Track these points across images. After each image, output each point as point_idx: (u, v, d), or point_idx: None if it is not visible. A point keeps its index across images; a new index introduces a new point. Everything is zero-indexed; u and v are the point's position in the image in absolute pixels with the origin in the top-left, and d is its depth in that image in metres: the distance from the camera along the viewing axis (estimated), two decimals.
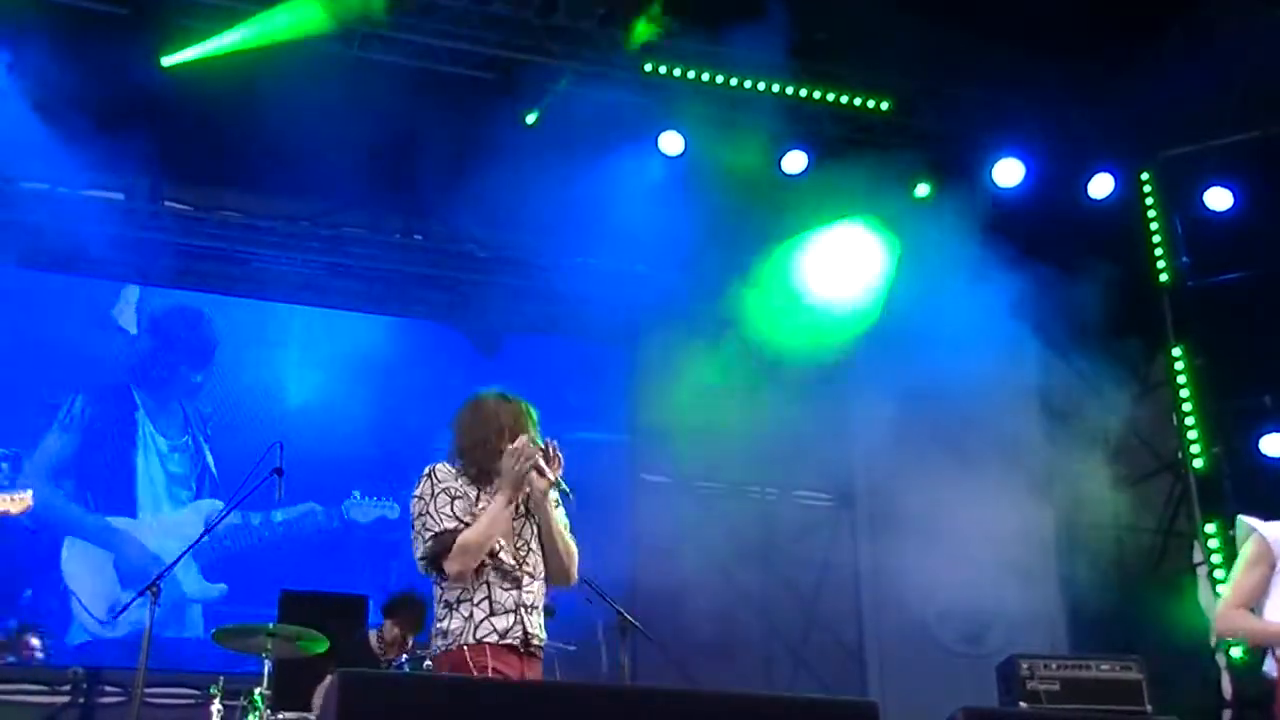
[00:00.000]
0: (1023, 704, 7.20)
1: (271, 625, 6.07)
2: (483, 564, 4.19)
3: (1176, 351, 9.38)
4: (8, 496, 5.66)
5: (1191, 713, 8.37)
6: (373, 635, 7.07)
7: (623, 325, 10.27)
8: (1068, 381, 9.94)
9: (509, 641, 4.14)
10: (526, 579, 4.26)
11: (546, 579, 4.38)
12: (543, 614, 4.31)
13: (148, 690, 6.95)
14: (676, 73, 9.21)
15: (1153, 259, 9.62)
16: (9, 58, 8.22)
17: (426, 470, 4.36)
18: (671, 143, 9.42)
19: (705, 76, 9.26)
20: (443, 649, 4.18)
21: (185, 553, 7.19)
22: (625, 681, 6.79)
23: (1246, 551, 4.46)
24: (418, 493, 4.32)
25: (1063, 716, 6.96)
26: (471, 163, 9.01)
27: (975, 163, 9.75)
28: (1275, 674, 4.31)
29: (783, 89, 9.39)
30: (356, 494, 9.46)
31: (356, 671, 3.50)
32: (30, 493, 5.85)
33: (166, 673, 8.47)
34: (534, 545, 4.35)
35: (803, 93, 9.46)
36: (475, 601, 4.16)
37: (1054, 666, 7.45)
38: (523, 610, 4.20)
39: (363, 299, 10.12)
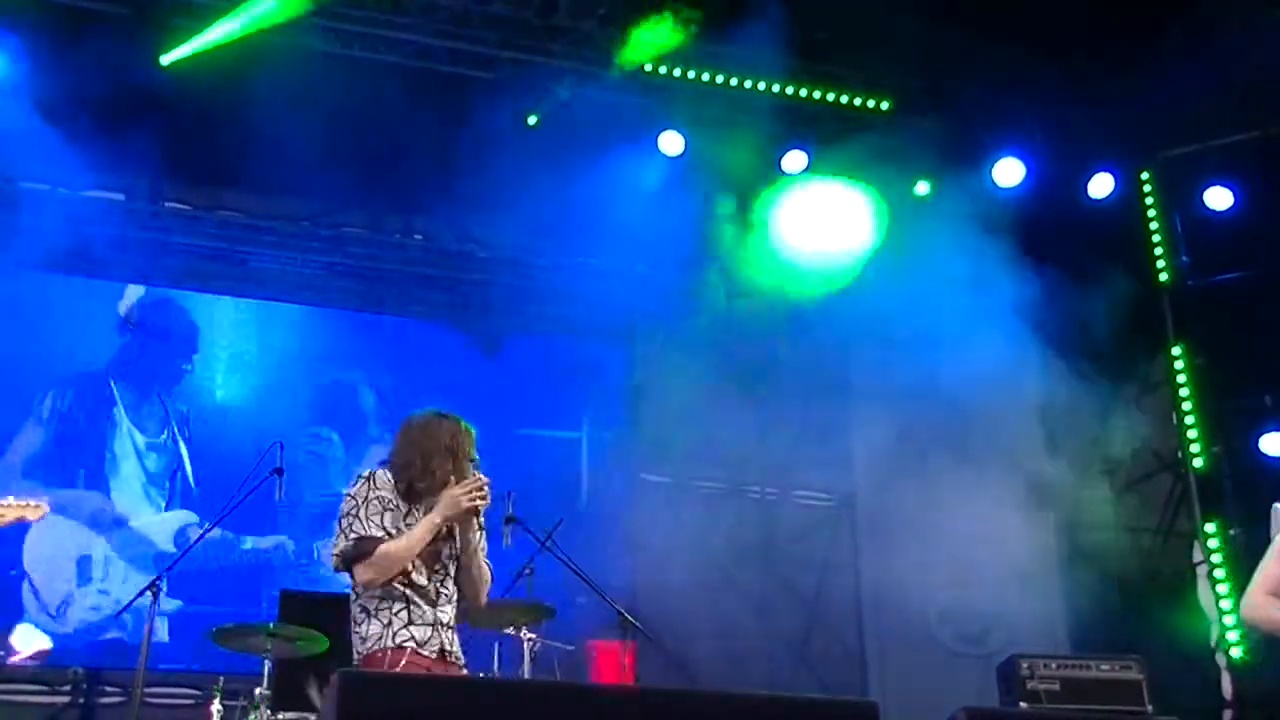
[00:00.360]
0: (1023, 704, 7.19)
1: (271, 625, 6.06)
2: (400, 582, 4.27)
3: (1176, 351, 9.37)
4: (23, 503, 5.43)
5: (1192, 713, 8.37)
6: None
7: (623, 325, 10.27)
8: (1067, 381, 9.91)
9: (425, 653, 4.24)
10: (443, 600, 4.37)
11: (459, 600, 4.47)
12: (456, 631, 4.43)
13: (147, 690, 6.95)
14: (676, 73, 9.21)
15: (1153, 259, 9.61)
16: (10, 58, 8.21)
17: (366, 473, 4.44)
18: (671, 143, 9.42)
19: (705, 76, 9.26)
20: (363, 653, 4.27)
21: (188, 550, 7.19)
22: (625, 682, 6.78)
23: (1278, 541, 4.49)
24: (351, 492, 4.39)
25: (1063, 716, 6.96)
26: (471, 163, 9.01)
27: (975, 162, 9.74)
28: None
29: (783, 89, 9.39)
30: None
31: (356, 671, 3.50)
32: (46, 499, 5.70)
33: (166, 673, 8.47)
34: (451, 569, 4.44)
35: (803, 92, 9.46)
36: (394, 611, 4.27)
37: (1054, 666, 7.45)
38: (439, 627, 4.31)
39: (362, 299, 10.12)
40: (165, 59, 8.26)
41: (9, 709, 8.37)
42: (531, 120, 9.14)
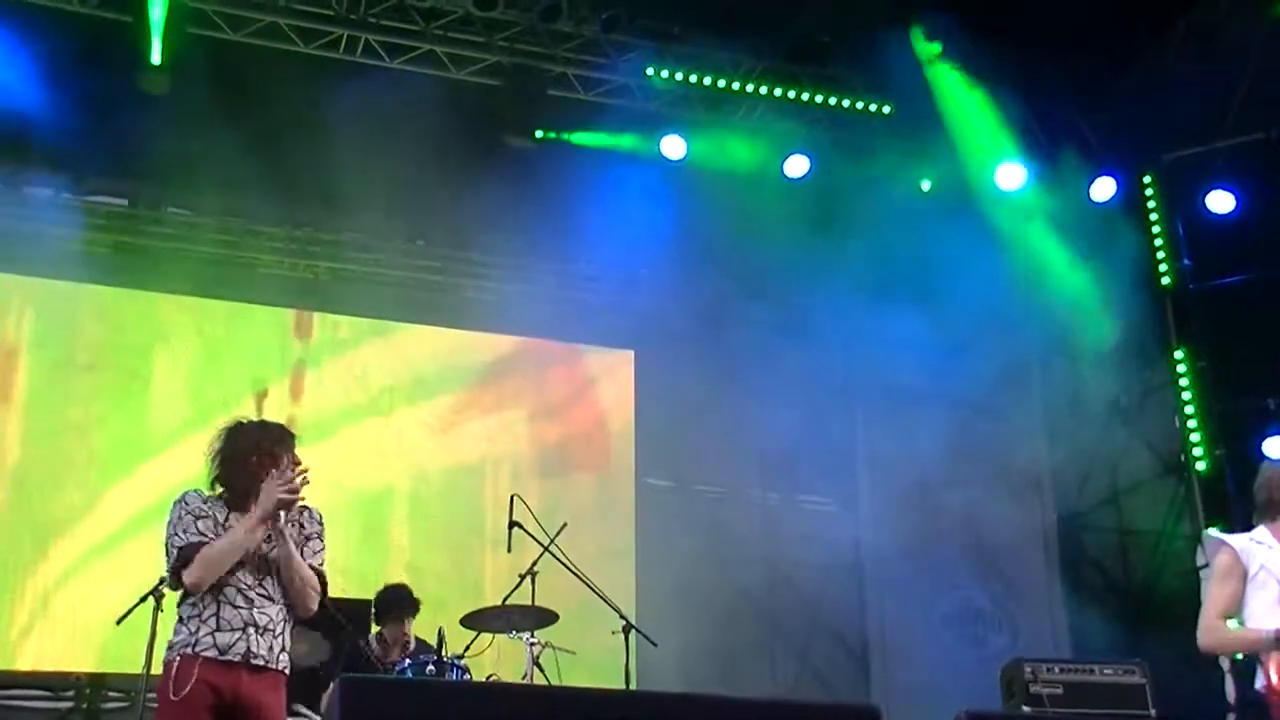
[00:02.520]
0: (1026, 708, 7.19)
1: None
2: (221, 581, 4.29)
3: (1179, 354, 9.36)
4: None
5: (1195, 717, 8.36)
6: (373, 642, 7.04)
7: (624, 329, 10.27)
8: (1070, 384, 9.93)
9: (228, 658, 4.24)
10: (262, 600, 4.36)
11: (288, 605, 4.46)
12: (280, 636, 4.39)
13: (151, 695, 6.96)
14: (678, 77, 9.21)
15: (1155, 262, 9.62)
16: (14, 65, 8.23)
17: (179, 497, 4.47)
18: (673, 147, 9.43)
19: (707, 81, 9.27)
20: (166, 660, 4.32)
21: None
22: (628, 686, 6.78)
23: (1217, 565, 4.57)
24: (169, 519, 4.43)
25: None
26: (473, 167, 9.02)
27: (978, 166, 9.74)
28: (1262, 682, 4.36)
29: (784, 93, 9.40)
30: None
31: (359, 677, 3.51)
32: None
33: None
34: (279, 569, 4.42)
35: (804, 96, 9.46)
36: (204, 618, 4.30)
37: (1057, 670, 7.45)
38: (252, 629, 4.30)
39: (365, 305, 10.11)
40: (154, 57, 8.26)
41: (13, 714, 8.37)
42: (539, 134, 9.17)
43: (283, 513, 4.36)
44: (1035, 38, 8.66)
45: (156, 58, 8.26)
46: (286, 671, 4.43)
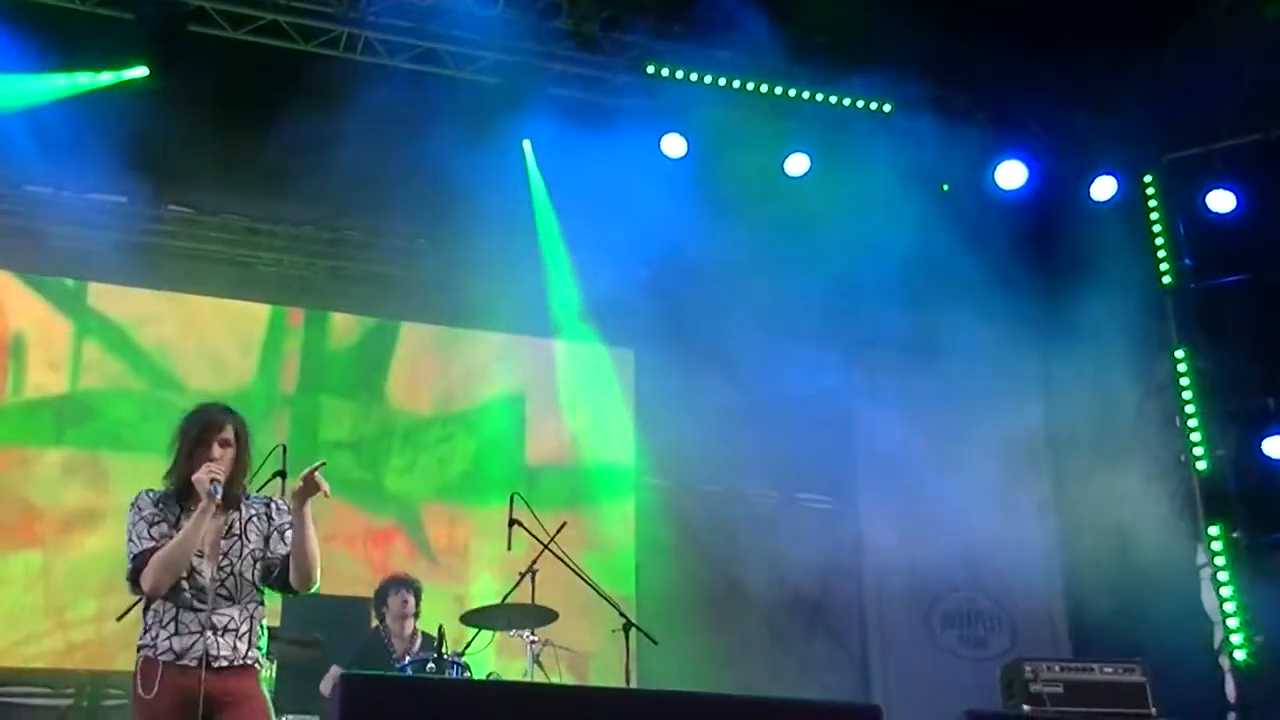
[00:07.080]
0: (1026, 707, 7.19)
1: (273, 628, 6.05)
2: (178, 585, 4.27)
3: (1180, 354, 9.37)
4: None
5: (1195, 716, 8.36)
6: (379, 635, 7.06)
7: (625, 329, 10.27)
8: (1070, 383, 9.93)
9: (185, 662, 4.22)
10: (221, 601, 4.33)
11: (291, 584, 4.42)
12: (245, 636, 4.34)
13: None
14: (679, 75, 9.21)
15: (1156, 261, 9.62)
16: (12, 61, 8.23)
17: (133, 498, 4.44)
18: (674, 146, 9.43)
19: (708, 79, 9.27)
20: (137, 660, 4.30)
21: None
22: (628, 685, 6.78)
23: None
24: (126, 523, 4.40)
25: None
26: (474, 167, 9.01)
27: (978, 165, 9.74)
28: None
29: (785, 92, 9.40)
30: None
31: (359, 674, 3.51)
32: None
33: None
34: (241, 568, 4.39)
35: (805, 95, 9.46)
36: (164, 623, 4.28)
37: (1057, 669, 7.44)
38: (210, 632, 4.27)
39: (365, 303, 10.11)
40: (140, 72, 8.27)
41: (14, 711, 8.38)
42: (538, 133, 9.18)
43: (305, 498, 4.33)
44: (1037, 38, 8.66)
45: (142, 72, 8.28)
46: (257, 666, 4.38)
